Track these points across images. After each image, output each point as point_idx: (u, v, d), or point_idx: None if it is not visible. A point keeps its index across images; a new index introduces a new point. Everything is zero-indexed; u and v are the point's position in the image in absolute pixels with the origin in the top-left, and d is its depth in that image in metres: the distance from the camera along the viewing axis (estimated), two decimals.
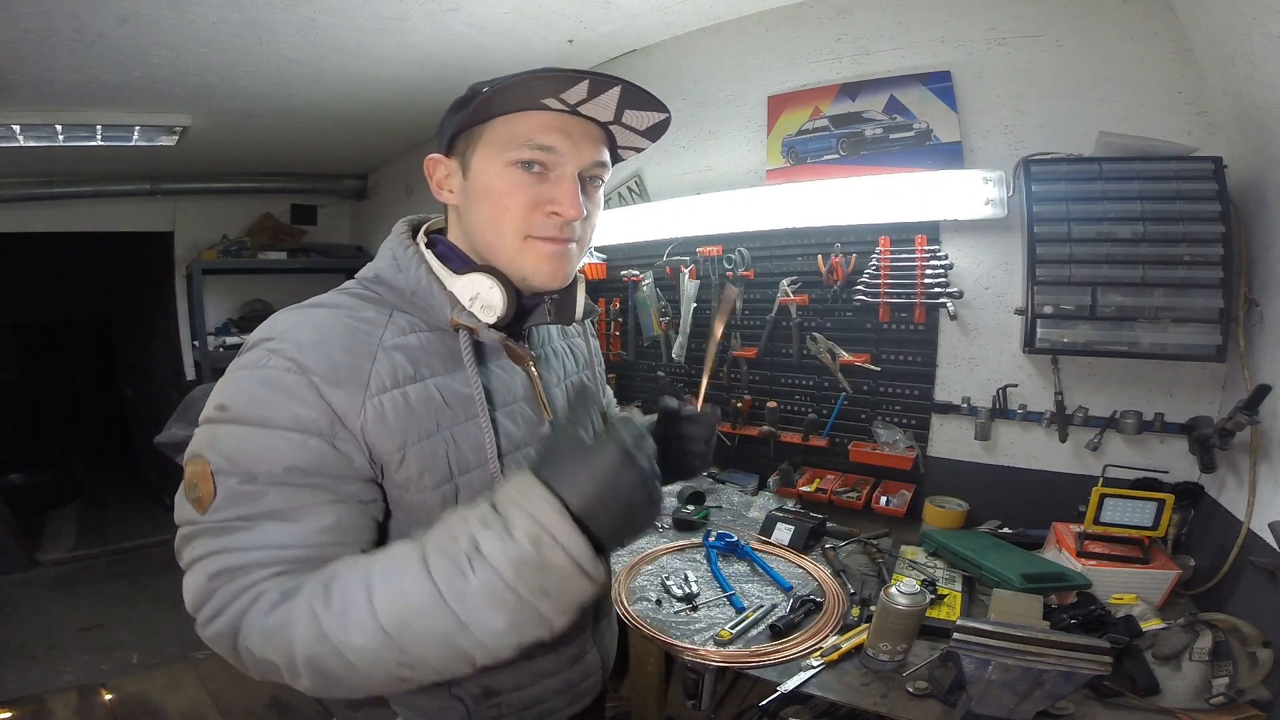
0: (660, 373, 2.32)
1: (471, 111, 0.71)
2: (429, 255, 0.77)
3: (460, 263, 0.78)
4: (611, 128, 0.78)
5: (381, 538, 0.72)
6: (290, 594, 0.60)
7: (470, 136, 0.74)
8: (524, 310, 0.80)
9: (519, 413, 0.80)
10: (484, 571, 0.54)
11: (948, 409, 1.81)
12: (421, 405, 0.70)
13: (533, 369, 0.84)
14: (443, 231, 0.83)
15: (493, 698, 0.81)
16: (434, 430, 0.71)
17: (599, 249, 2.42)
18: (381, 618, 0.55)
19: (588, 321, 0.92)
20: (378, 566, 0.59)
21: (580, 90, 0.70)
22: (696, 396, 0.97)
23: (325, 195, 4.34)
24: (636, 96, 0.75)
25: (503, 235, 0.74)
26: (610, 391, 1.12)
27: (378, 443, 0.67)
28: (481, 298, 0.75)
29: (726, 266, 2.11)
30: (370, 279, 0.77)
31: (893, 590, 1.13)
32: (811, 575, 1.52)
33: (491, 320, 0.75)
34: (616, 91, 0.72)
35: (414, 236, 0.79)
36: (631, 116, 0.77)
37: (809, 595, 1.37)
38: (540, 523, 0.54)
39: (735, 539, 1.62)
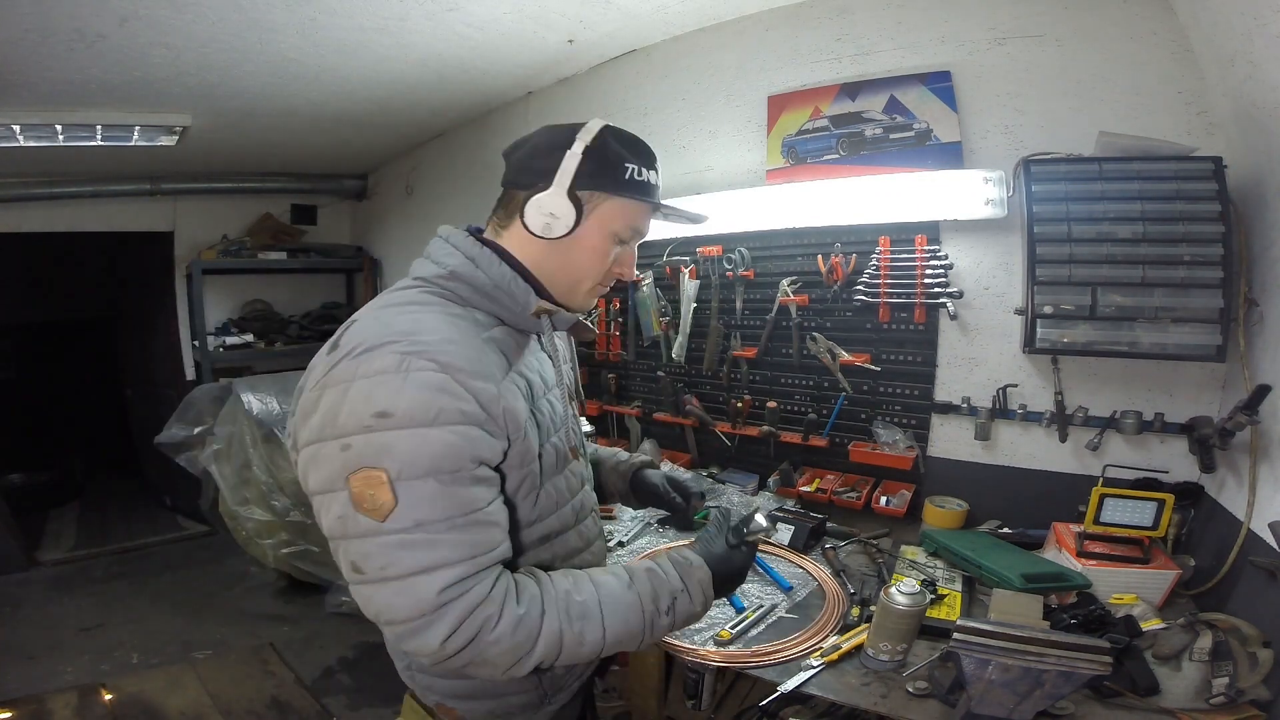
0: (660, 372, 2.32)
1: (613, 181, 0.85)
2: None
3: (518, 271, 0.88)
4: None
5: None
6: (528, 604, 0.75)
7: (594, 199, 0.86)
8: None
9: (555, 395, 0.94)
10: (670, 619, 0.85)
11: (948, 409, 1.81)
12: (522, 388, 0.81)
13: (563, 357, 1.02)
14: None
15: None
16: (532, 407, 0.83)
17: None
18: (608, 637, 0.79)
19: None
20: (603, 597, 0.80)
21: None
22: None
23: (325, 195, 4.34)
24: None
25: (582, 284, 0.91)
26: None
27: (514, 424, 0.77)
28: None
29: (726, 266, 2.11)
30: (444, 276, 0.83)
31: (893, 590, 1.13)
32: (811, 575, 1.52)
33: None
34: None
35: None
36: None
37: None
38: (706, 598, 0.89)
39: None
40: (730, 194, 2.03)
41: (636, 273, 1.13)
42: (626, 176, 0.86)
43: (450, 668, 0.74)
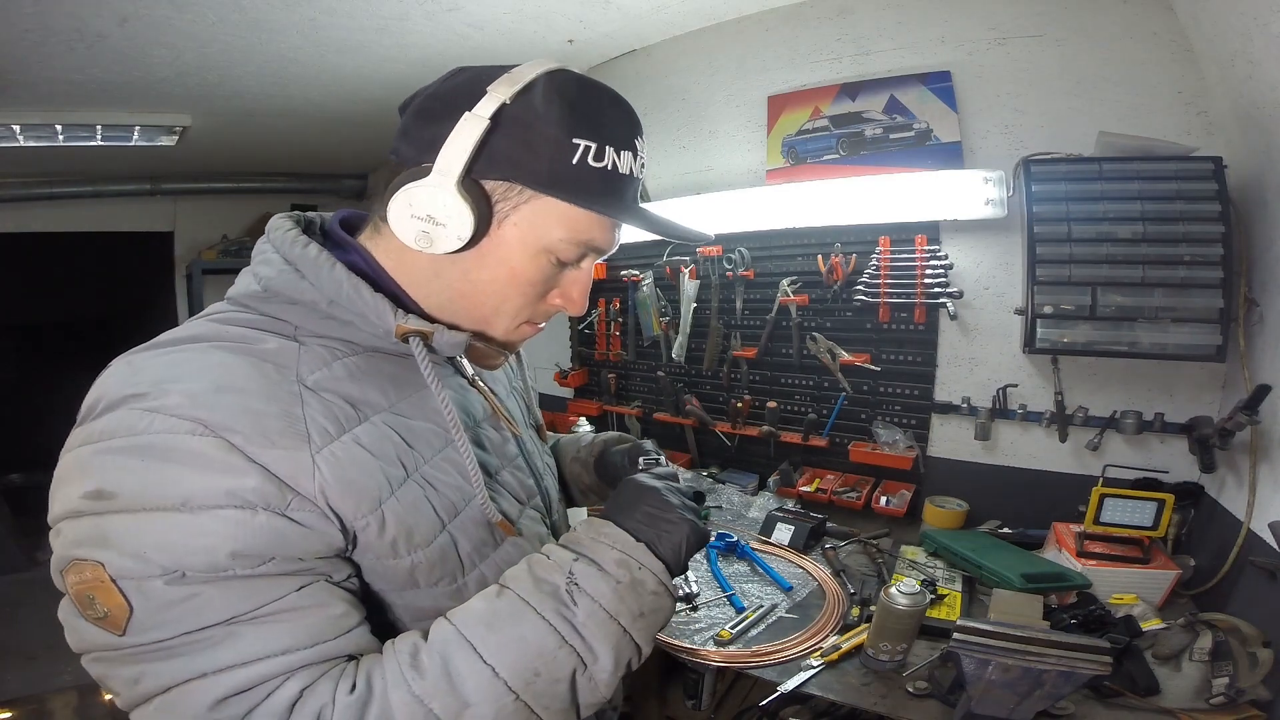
0: (660, 372, 2.32)
1: (552, 170, 0.55)
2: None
3: (382, 289, 0.59)
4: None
5: None
6: (364, 693, 0.49)
7: (511, 195, 0.57)
8: None
9: (485, 436, 0.68)
10: (586, 602, 0.55)
11: (948, 409, 1.81)
12: (379, 449, 0.55)
13: (482, 383, 0.70)
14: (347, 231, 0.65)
15: None
16: (404, 477, 0.57)
17: None
18: (505, 674, 0.51)
19: None
20: (466, 627, 0.53)
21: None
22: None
23: (325, 195, 4.34)
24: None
25: (501, 316, 0.62)
26: (536, 395, 0.94)
27: (345, 506, 0.52)
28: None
29: (726, 266, 2.11)
30: (253, 296, 0.58)
31: (893, 590, 1.13)
32: (811, 575, 1.52)
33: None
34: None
35: (306, 235, 0.60)
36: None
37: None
38: (624, 551, 0.58)
39: (735, 539, 1.62)
40: (730, 194, 2.03)
41: (637, 272, 0.79)
42: (573, 161, 0.55)
43: None
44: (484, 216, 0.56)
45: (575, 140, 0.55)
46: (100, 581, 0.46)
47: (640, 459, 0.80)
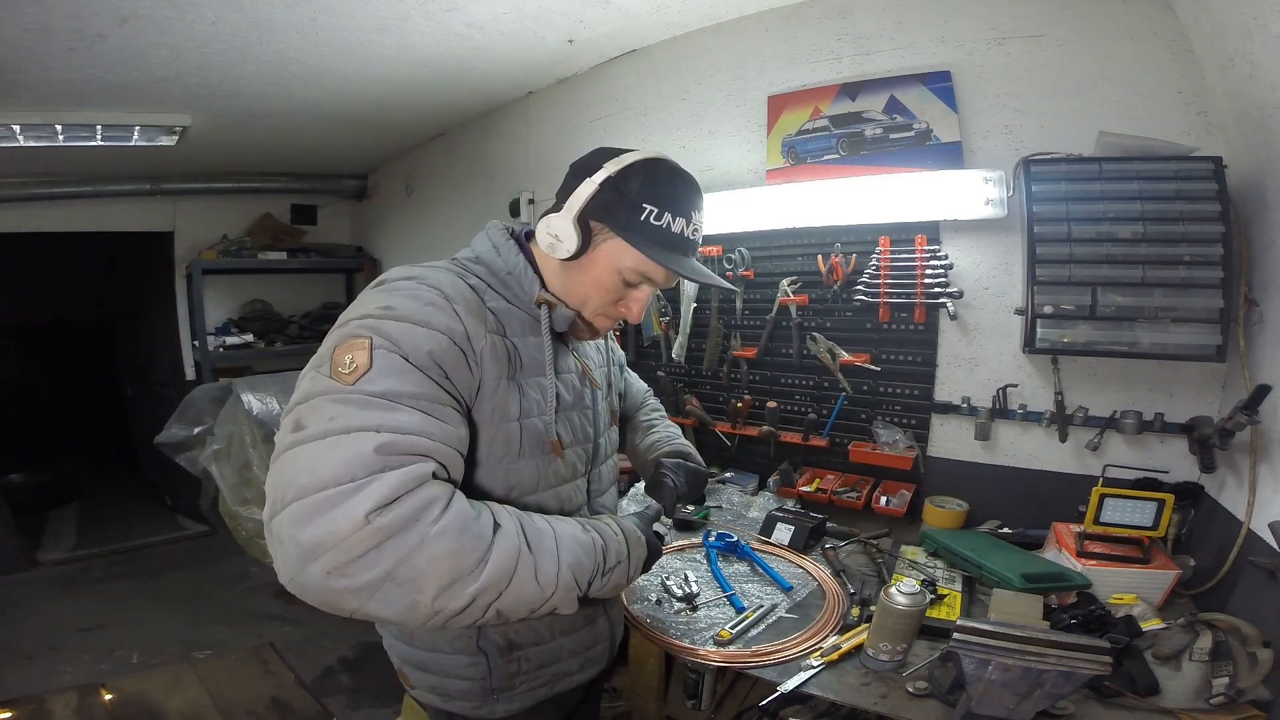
0: (660, 372, 2.32)
1: (626, 222, 0.86)
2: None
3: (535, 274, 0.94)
4: None
5: None
6: (482, 510, 0.71)
7: (603, 232, 0.88)
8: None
9: (569, 382, 0.97)
10: (605, 581, 0.83)
11: (948, 409, 1.81)
12: (505, 353, 0.84)
13: (578, 352, 1.03)
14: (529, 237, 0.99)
15: (514, 651, 0.95)
16: (512, 375, 0.85)
17: None
18: (561, 578, 0.75)
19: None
20: (560, 533, 0.78)
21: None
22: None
23: (325, 195, 4.34)
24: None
25: (587, 307, 0.94)
26: (632, 376, 1.46)
27: (488, 369, 0.81)
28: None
29: (726, 266, 2.11)
30: (470, 259, 0.92)
31: (893, 590, 1.13)
32: (811, 575, 1.52)
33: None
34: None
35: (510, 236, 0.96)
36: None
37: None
38: (633, 577, 0.91)
39: (735, 539, 1.62)
40: (730, 194, 2.03)
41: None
42: (641, 218, 0.85)
43: (364, 579, 0.63)
44: (585, 241, 0.87)
45: (644, 205, 0.85)
46: (362, 348, 0.71)
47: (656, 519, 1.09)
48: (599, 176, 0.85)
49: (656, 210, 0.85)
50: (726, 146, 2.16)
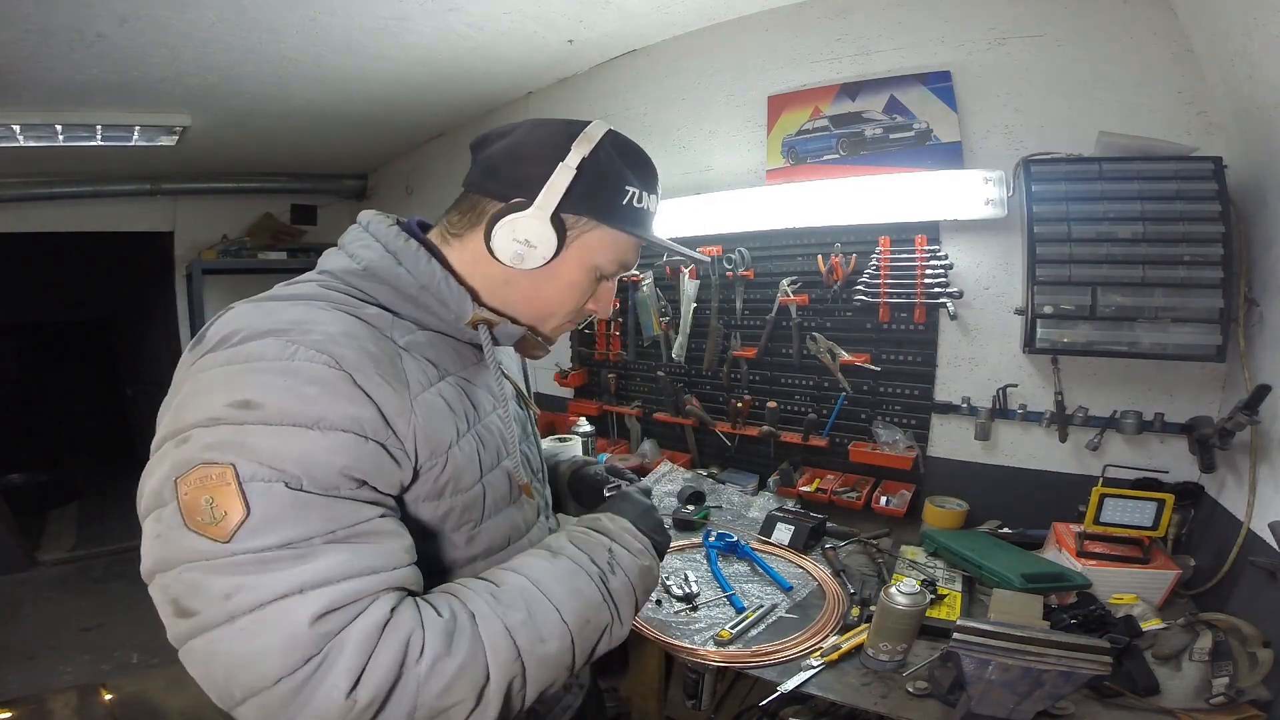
0: (660, 372, 2.32)
1: (607, 207, 0.72)
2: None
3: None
4: None
5: None
6: (448, 609, 0.56)
7: (581, 226, 0.72)
8: None
9: (511, 411, 0.79)
10: (620, 575, 0.69)
11: (948, 409, 1.81)
12: (454, 403, 0.67)
13: (510, 370, 0.87)
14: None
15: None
16: (466, 429, 0.68)
17: None
18: (567, 617, 0.62)
19: None
20: (534, 576, 0.63)
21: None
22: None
23: (325, 195, 4.34)
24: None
25: (553, 318, 0.78)
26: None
27: (425, 447, 0.62)
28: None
29: (726, 266, 2.11)
30: (355, 273, 0.68)
31: (893, 590, 1.13)
32: (811, 575, 1.52)
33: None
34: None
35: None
36: None
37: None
38: (646, 547, 0.75)
39: (735, 539, 1.62)
40: (730, 194, 2.03)
41: (636, 272, 1.06)
42: (624, 202, 0.72)
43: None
44: (561, 242, 0.70)
45: (628, 187, 0.73)
46: (225, 484, 0.50)
47: (616, 477, 0.96)
48: (572, 159, 0.68)
49: (637, 191, 0.73)
50: (726, 146, 2.16)
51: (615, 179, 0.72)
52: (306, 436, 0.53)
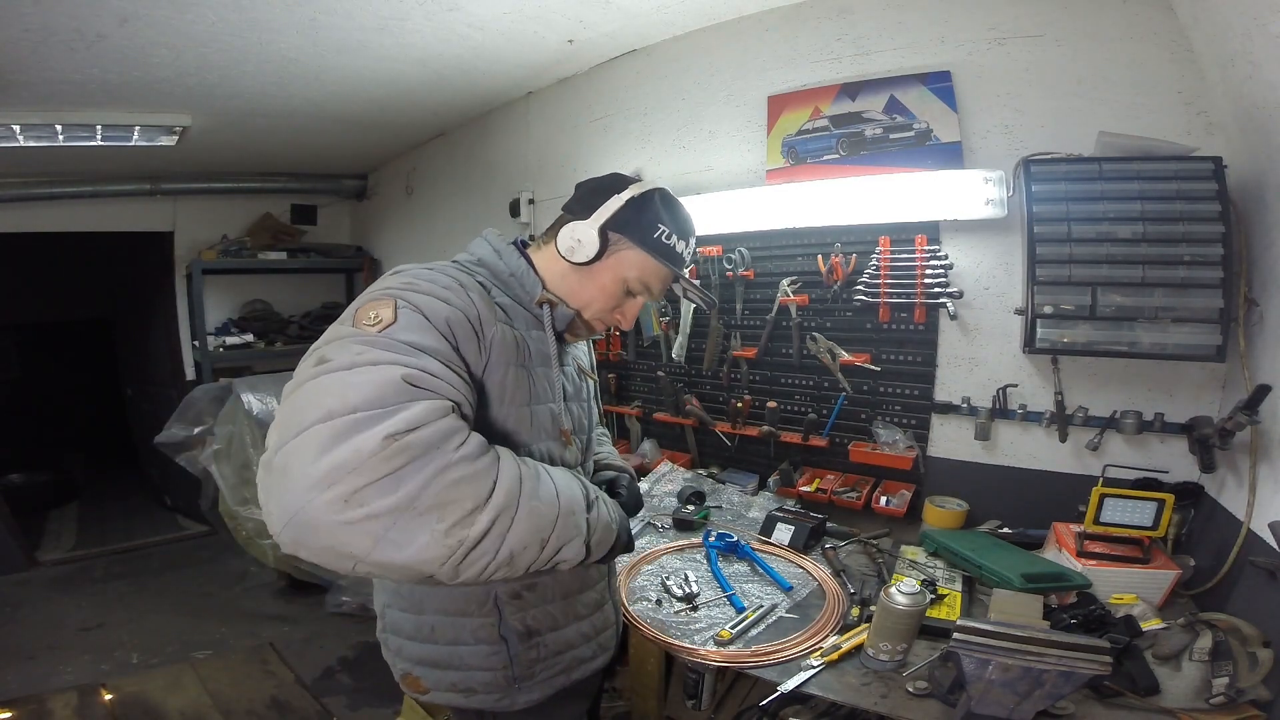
0: (660, 372, 2.32)
1: (641, 233, 0.96)
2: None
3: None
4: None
5: None
6: (489, 446, 0.73)
7: (620, 243, 0.97)
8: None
9: (569, 374, 1.06)
10: (596, 510, 0.86)
11: (948, 409, 1.81)
12: (515, 342, 0.90)
13: (577, 347, 1.13)
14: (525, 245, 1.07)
15: (533, 637, 1.00)
16: (522, 363, 0.91)
17: None
18: (560, 498, 0.79)
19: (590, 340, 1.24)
20: (550, 471, 0.81)
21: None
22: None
23: (325, 195, 4.34)
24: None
25: (589, 309, 1.02)
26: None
27: (495, 354, 0.86)
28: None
29: (726, 266, 2.11)
30: (471, 262, 0.98)
31: (893, 590, 1.13)
32: (811, 575, 1.52)
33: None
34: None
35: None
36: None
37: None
38: (613, 517, 0.91)
39: (735, 539, 1.62)
40: (730, 194, 2.03)
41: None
42: (656, 235, 0.97)
43: (383, 505, 0.62)
44: (603, 248, 0.96)
45: (661, 225, 0.98)
46: (388, 305, 0.76)
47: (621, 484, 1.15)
48: (625, 195, 0.96)
49: (668, 230, 0.98)
50: (726, 146, 2.16)
51: (653, 216, 0.97)
52: (439, 303, 0.80)
